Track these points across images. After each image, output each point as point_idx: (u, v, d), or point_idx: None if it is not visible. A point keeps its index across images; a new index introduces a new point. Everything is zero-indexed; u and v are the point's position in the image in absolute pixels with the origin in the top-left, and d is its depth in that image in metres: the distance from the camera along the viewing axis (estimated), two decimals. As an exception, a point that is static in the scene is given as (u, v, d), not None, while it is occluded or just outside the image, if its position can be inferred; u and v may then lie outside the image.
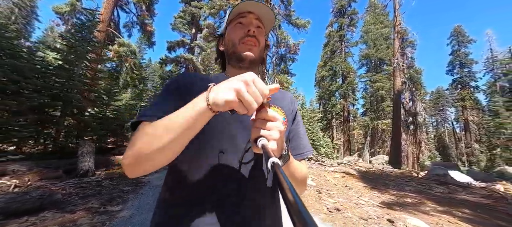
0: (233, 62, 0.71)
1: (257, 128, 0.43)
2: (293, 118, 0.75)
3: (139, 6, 11.27)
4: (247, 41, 0.67)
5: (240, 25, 0.69)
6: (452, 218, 2.76)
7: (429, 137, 34.34)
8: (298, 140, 0.73)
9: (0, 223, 1.91)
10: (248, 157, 0.58)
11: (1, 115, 3.15)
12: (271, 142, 0.41)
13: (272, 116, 0.43)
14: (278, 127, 0.43)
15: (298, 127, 0.75)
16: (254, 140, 0.44)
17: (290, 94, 0.81)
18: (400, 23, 13.28)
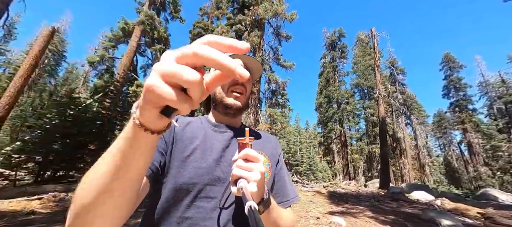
0: (220, 109, 0.70)
1: (237, 168, 0.41)
2: (276, 161, 0.73)
3: (154, 52, 13.61)
4: (235, 89, 0.68)
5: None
6: (371, 219, 3.92)
7: (433, 160, 34.03)
8: (283, 186, 0.69)
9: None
10: (229, 200, 0.55)
11: (68, 149, 4.67)
12: (251, 184, 0.38)
13: (253, 156, 0.41)
14: (260, 168, 0.41)
15: (282, 172, 0.72)
16: (233, 181, 0.41)
17: (273, 138, 0.79)
18: (379, 59, 15.08)
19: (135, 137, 0.28)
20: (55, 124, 4.80)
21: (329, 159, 26.94)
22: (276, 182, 0.70)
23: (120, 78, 11.36)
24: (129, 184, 0.33)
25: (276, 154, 0.74)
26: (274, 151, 0.73)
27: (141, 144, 0.29)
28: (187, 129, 0.65)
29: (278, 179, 0.70)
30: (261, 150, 0.68)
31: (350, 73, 24.61)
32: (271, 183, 0.67)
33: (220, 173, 0.58)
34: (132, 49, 12.88)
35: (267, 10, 10.40)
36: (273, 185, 0.69)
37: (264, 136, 0.77)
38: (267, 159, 0.68)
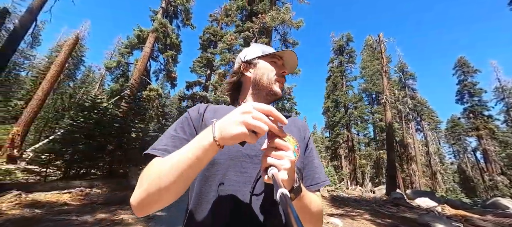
0: (263, 93, 0.74)
1: (268, 157, 0.43)
2: (305, 145, 0.73)
3: (166, 58, 14.32)
4: (281, 80, 0.74)
5: (275, 64, 0.76)
6: (368, 222, 4.14)
7: (445, 167, 32.88)
8: (312, 169, 0.70)
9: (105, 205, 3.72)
10: (259, 188, 0.57)
11: (91, 149, 5.21)
12: (281, 172, 0.40)
13: (283, 144, 0.43)
14: (289, 156, 0.42)
15: (311, 155, 0.73)
16: (264, 169, 0.43)
17: (301, 121, 0.80)
18: (387, 64, 15.06)
19: (211, 148, 0.42)
20: (81, 126, 5.36)
21: (337, 163, 26.75)
22: (305, 165, 0.70)
23: (135, 83, 12.08)
24: (194, 176, 0.46)
25: (305, 136, 0.75)
26: (302, 134, 0.74)
27: (211, 152, 0.43)
28: (216, 115, 0.68)
29: (308, 162, 0.71)
30: (289, 133, 0.68)
31: (358, 78, 24.51)
32: (299, 165, 0.66)
33: (249, 151, 0.61)
34: (146, 55, 13.63)
35: (274, 18, 10.80)
36: (301, 168, 0.69)
37: (292, 119, 0.79)
38: (295, 140, 0.69)
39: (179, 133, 0.61)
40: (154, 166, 0.50)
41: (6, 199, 3.08)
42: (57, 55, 22.93)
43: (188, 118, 0.65)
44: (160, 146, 0.57)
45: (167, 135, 0.61)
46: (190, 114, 0.67)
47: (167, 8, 15.60)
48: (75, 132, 5.37)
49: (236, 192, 0.56)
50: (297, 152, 0.67)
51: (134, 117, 7.35)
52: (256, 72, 0.75)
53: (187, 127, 0.63)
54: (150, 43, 13.87)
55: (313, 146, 0.76)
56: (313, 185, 0.67)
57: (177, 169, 0.43)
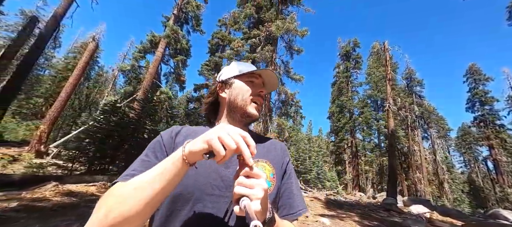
0: (237, 115, 0.70)
1: (239, 186, 0.40)
2: (283, 171, 0.70)
3: (176, 62, 15.11)
4: (257, 100, 0.71)
5: (252, 84, 0.72)
6: (355, 223, 4.57)
7: (453, 176, 32.16)
8: (290, 197, 0.67)
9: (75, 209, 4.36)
10: (232, 219, 0.53)
11: (111, 148, 5.89)
12: (254, 202, 0.38)
13: (255, 172, 0.41)
14: (262, 185, 0.40)
15: (289, 181, 0.70)
16: (236, 200, 0.40)
17: (280, 145, 0.77)
18: (391, 72, 15.24)
19: (182, 167, 0.42)
20: (102, 127, 6.06)
21: (341, 168, 26.84)
22: (282, 192, 0.67)
23: (147, 85, 12.88)
24: (162, 198, 0.43)
25: (283, 162, 0.71)
26: (280, 159, 0.71)
27: (181, 172, 0.42)
28: (189, 137, 0.62)
29: (285, 189, 0.67)
30: (265, 158, 0.67)
31: (364, 84, 24.63)
32: (275, 193, 0.64)
33: (218, 182, 0.58)
34: (157, 59, 14.46)
35: (279, 28, 11.34)
36: (278, 195, 0.66)
37: (270, 142, 0.76)
38: (271, 168, 0.66)
39: (150, 158, 0.59)
40: (115, 190, 0.44)
41: (47, 188, 3.75)
42: (75, 56, 24.35)
43: (160, 142, 0.63)
44: (129, 171, 0.54)
45: (138, 160, 0.59)
46: (163, 137, 0.65)
47: (179, 14, 16.43)
48: (97, 132, 6.08)
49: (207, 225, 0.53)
50: (273, 181, 0.64)
51: (146, 118, 8.03)
52: (231, 92, 0.72)
53: (159, 151, 0.61)
54: (161, 48, 14.69)
55: (293, 172, 0.73)
56: (290, 215, 0.64)
57: (146, 188, 0.40)
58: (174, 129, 0.69)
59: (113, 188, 0.46)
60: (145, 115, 7.73)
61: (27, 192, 3.48)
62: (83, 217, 2.76)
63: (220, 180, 0.59)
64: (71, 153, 5.77)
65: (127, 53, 30.14)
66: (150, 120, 8.18)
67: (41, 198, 3.31)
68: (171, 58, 15.66)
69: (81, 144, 5.80)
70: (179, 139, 0.65)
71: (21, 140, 11.44)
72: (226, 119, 0.73)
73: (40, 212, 2.77)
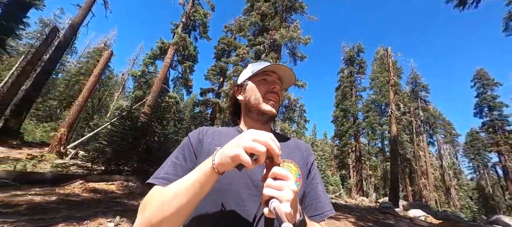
0: (254, 115, 0.73)
1: (268, 188, 0.41)
2: (308, 171, 0.70)
3: (184, 68, 15.78)
4: (271, 97, 0.72)
5: (264, 82, 0.74)
6: (350, 224, 4.92)
7: (460, 183, 31.59)
8: (316, 197, 0.67)
9: (106, 204, 4.83)
10: (261, 221, 0.54)
11: (126, 150, 6.43)
12: (284, 204, 0.38)
13: (283, 174, 0.41)
14: (291, 186, 0.40)
15: (315, 181, 0.70)
16: (265, 202, 0.40)
17: (305, 145, 0.78)
18: (394, 78, 15.44)
19: (212, 176, 0.43)
20: (118, 131, 6.62)
21: (345, 173, 26.86)
22: (307, 193, 0.67)
23: (157, 90, 13.54)
24: (196, 203, 0.46)
25: (308, 162, 0.72)
26: (305, 159, 0.72)
27: (212, 180, 0.44)
28: (216, 139, 0.68)
29: (310, 190, 0.67)
30: (290, 158, 0.67)
31: (367, 89, 24.78)
32: (301, 194, 0.64)
33: (248, 180, 0.59)
34: (166, 65, 15.15)
35: (283, 36, 11.81)
36: (304, 196, 0.66)
37: (294, 142, 0.77)
38: (297, 168, 0.66)
39: (180, 160, 0.62)
40: (156, 195, 0.50)
41: (75, 186, 4.28)
42: (87, 60, 25.48)
43: (188, 143, 0.66)
44: (162, 174, 0.57)
45: (169, 162, 0.62)
46: (191, 139, 0.67)
47: (187, 22, 17.16)
48: (114, 135, 6.64)
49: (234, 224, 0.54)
50: (299, 181, 0.64)
51: (157, 122, 8.58)
52: (246, 94, 0.75)
53: (188, 153, 0.64)
54: (170, 55, 15.39)
55: (317, 172, 0.73)
56: (317, 216, 0.64)
57: (179, 197, 0.44)
58: (201, 131, 0.72)
59: (154, 193, 0.52)
60: (156, 119, 8.29)
61: (59, 189, 4.02)
62: (110, 210, 3.25)
63: (249, 179, 0.60)
64: (91, 154, 6.34)
65: (136, 58, 31.25)
66: (160, 124, 8.73)
67: (72, 194, 3.83)
68: (179, 64, 16.35)
69: (99, 146, 6.37)
70: (206, 141, 0.68)
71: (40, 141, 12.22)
72: (246, 120, 0.77)
73: (74, 205, 3.28)
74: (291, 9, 14.78)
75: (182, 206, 0.44)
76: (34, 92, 11.16)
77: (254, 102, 0.72)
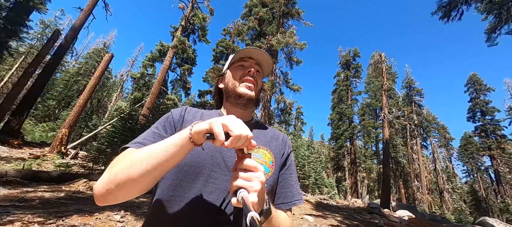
0: (232, 99, 0.74)
1: (238, 179, 0.42)
2: (283, 161, 0.73)
3: (182, 71, 16.09)
4: (247, 80, 0.73)
5: (241, 67, 0.76)
6: (337, 222, 5.28)
7: (454, 186, 32.14)
8: (287, 186, 0.69)
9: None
10: (228, 210, 0.56)
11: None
12: (251, 194, 0.40)
13: (253, 165, 0.43)
14: (259, 177, 0.42)
15: (288, 172, 0.72)
16: (233, 192, 0.42)
17: (283, 136, 0.79)
18: (387, 83, 15.91)
19: (187, 145, 0.45)
20: (119, 132, 6.93)
21: (341, 175, 27.27)
22: (279, 181, 0.69)
23: (156, 92, 13.83)
24: (166, 170, 0.47)
25: (284, 153, 0.74)
26: (281, 149, 0.74)
27: (186, 149, 0.45)
28: (197, 118, 0.71)
29: (282, 179, 0.70)
30: (266, 146, 0.70)
31: (363, 93, 25.31)
32: (273, 180, 0.66)
33: (220, 160, 0.62)
34: (165, 67, 15.46)
35: (279, 42, 12.22)
36: (276, 183, 0.68)
37: (273, 132, 0.79)
38: (271, 155, 0.69)
39: (160, 130, 0.64)
40: (128, 155, 0.50)
41: (79, 184, 4.59)
42: (86, 61, 25.66)
43: (170, 117, 0.69)
44: (140, 139, 0.59)
45: (148, 131, 0.64)
46: (173, 114, 0.70)
47: (186, 25, 17.51)
48: (114, 136, 6.95)
49: (201, 203, 0.55)
50: (271, 168, 0.66)
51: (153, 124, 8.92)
52: (225, 82, 0.78)
53: (168, 126, 0.66)
54: (169, 57, 15.71)
55: (293, 164, 0.75)
56: (285, 203, 0.66)
57: (153, 158, 0.44)
58: (184, 108, 0.74)
59: (126, 152, 0.52)
60: (155, 121, 8.63)
61: (65, 186, 4.33)
62: (114, 205, 3.56)
63: (222, 159, 0.62)
64: (92, 154, 6.64)
65: (135, 59, 31.47)
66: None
67: (77, 191, 4.14)
68: (178, 67, 16.67)
69: (101, 146, 6.67)
70: (187, 117, 0.70)
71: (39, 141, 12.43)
72: (226, 106, 0.78)
73: (81, 200, 3.60)
74: (288, 15, 15.22)
75: (151, 168, 0.44)
76: (35, 94, 11.40)
77: (231, 87, 0.75)
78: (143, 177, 0.44)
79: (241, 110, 0.75)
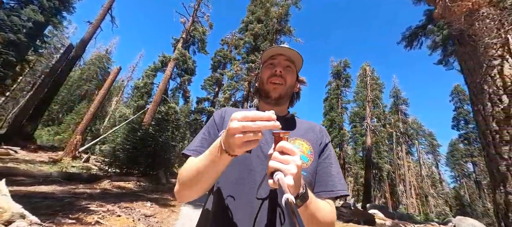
0: (263, 98, 0.79)
1: (273, 161, 0.42)
2: (321, 150, 0.73)
3: (183, 81, 17.34)
4: (274, 80, 0.75)
5: (270, 66, 0.78)
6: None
7: (438, 190, 33.80)
8: (327, 175, 0.68)
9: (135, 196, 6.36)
10: (264, 192, 0.59)
11: (135, 155, 7.92)
12: (287, 177, 0.39)
13: (289, 148, 0.42)
14: (295, 160, 0.41)
15: (328, 161, 0.71)
16: (270, 174, 0.42)
17: (320, 127, 0.81)
18: (370, 95, 17.43)
19: (221, 153, 0.46)
20: (130, 140, 8.14)
21: (331, 179, 28.52)
22: (319, 170, 0.69)
23: (158, 100, 15.02)
24: (215, 175, 0.53)
25: (322, 142, 0.74)
26: (318, 140, 0.74)
27: (222, 158, 0.47)
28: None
29: (321, 168, 0.69)
30: (303, 138, 0.71)
31: (351, 102, 26.92)
32: (312, 169, 0.67)
33: (259, 152, 0.66)
34: (167, 77, 16.69)
35: (271, 58, 13.60)
36: (315, 172, 0.68)
37: (309, 124, 0.81)
38: (309, 145, 0.70)
39: (206, 135, 0.72)
40: (188, 165, 0.60)
41: (105, 183, 5.79)
42: (89, 67, 26.65)
43: (212, 121, 0.76)
44: (193, 146, 0.69)
45: (199, 137, 0.73)
46: (215, 118, 0.77)
47: (187, 38, 18.82)
48: (126, 143, 8.15)
49: (244, 195, 0.60)
50: (310, 157, 0.67)
51: (160, 133, 10.09)
52: (259, 81, 0.83)
53: (212, 129, 0.74)
54: (170, 67, 16.96)
55: (332, 153, 0.74)
56: (326, 192, 0.65)
57: (199, 171, 0.53)
58: (224, 110, 0.80)
59: (186, 165, 0.62)
60: (160, 130, 9.81)
61: (95, 185, 5.54)
62: (140, 198, 4.78)
63: (260, 151, 0.66)
64: (109, 159, 7.82)
65: (136, 65, 32.55)
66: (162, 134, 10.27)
67: (106, 189, 5.36)
68: (179, 76, 17.92)
69: (115, 152, 7.86)
70: (227, 119, 0.75)
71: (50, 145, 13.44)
72: (260, 103, 0.83)
73: (113, 195, 4.81)
74: (281, 32, 16.71)
75: (202, 179, 0.54)
76: (46, 101, 12.50)
77: (261, 87, 0.79)
78: (200, 183, 0.55)
79: (274, 107, 0.77)
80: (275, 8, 17.03)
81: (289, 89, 0.78)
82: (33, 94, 11.32)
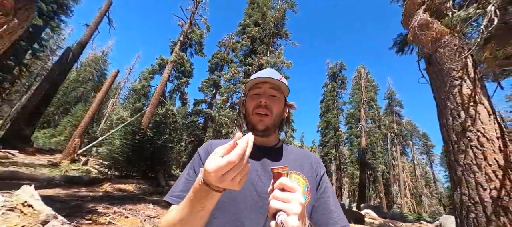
0: (250, 129, 0.74)
1: (275, 200, 0.39)
2: (317, 184, 0.69)
3: (180, 83, 17.49)
4: (259, 111, 0.70)
5: (255, 96, 0.74)
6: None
7: (432, 190, 34.52)
8: (327, 211, 0.64)
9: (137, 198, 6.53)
10: None
11: (134, 158, 8.08)
12: (291, 217, 0.36)
13: (290, 185, 0.40)
14: (299, 199, 0.39)
15: (325, 195, 0.67)
16: (272, 214, 0.39)
17: (314, 157, 0.77)
18: (365, 97, 17.85)
19: (203, 191, 0.42)
20: (129, 144, 8.29)
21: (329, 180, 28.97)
22: (317, 207, 0.64)
23: (156, 103, 15.15)
24: (201, 220, 0.48)
25: (317, 174, 0.71)
26: (314, 172, 0.70)
27: (207, 197, 0.43)
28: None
29: (320, 204, 0.65)
30: (298, 171, 0.67)
31: (347, 103, 27.40)
32: (311, 207, 0.63)
33: (253, 193, 0.62)
34: (164, 80, 16.83)
35: (268, 62, 13.92)
36: (313, 210, 0.64)
37: (303, 153, 0.77)
38: (305, 180, 0.66)
39: (191, 176, 0.66)
40: (170, 216, 0.54)
41: (106, 186, 5.96)
42: (85, 68, 26.58)
43: (198, 158, 0.70)
44: (176, 191, 0.63)
45: (182, 180, 0.67)
46: (200, 153, 0.71)
47: (184, 40, 19.00)
48: (125, 147, 8.30)
49: None
50: (307, 194, 0.64)
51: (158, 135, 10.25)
52: (244, 111, 0.78)
53: (197, 167, 0.68)
54: (168, 70, 17.10)
55: (329, 185, 0.71)
56: None
57: (183, 220, 0.47)
58: (210, 143, 0.75)
59: (169, 214, 0.56)
60: (158, 133, 9.97)
61: (97, 188, 5.70)
62: (142, 200, 4.97)
63: (254, 189, 0.61)
64: (108, 162, 7.96)
65: (133, 67, 32.53)
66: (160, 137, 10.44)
67: (108, 191, 5.53)
68: (176, 79, 18.07)
69: (115, 156, 8.01)
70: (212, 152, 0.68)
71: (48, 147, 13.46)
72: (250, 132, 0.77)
73: (115, 197, 4.99)
74: (278, 35, 17.02)
75: (186, 224, 0.48)
76: (43, 105, 12.54)
77: (247, 119, 0.75)
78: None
79: (262, 139, 0.74)
80: (272, 11, 17.35)
81: (277, 119, 0.74)
82: (31, 97, 11.36)
